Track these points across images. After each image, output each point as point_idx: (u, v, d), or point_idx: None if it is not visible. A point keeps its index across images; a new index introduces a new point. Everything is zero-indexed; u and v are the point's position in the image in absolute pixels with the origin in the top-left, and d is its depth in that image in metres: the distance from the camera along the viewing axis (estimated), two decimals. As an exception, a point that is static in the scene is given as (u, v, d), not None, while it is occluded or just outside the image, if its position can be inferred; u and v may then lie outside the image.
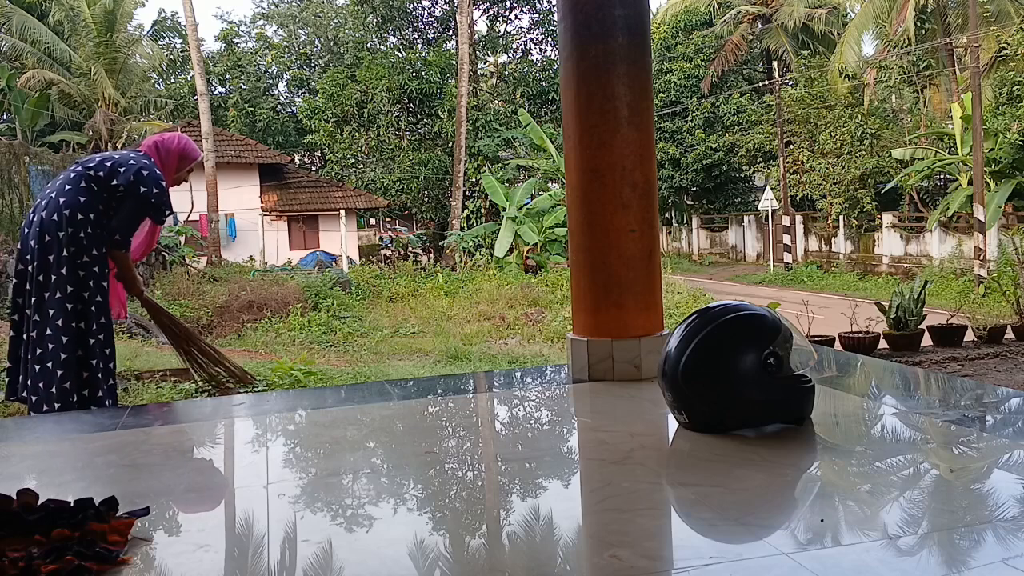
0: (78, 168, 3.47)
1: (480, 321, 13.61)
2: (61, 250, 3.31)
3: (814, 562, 1.51)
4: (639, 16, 3.21)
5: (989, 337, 7.75)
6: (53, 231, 3.31)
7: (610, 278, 3.19)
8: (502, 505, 1.98)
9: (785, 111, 23.85)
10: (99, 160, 3.49)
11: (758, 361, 2.29)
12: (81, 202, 3.36)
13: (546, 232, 19.83)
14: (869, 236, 22.46)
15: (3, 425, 3.16)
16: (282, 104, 36.31)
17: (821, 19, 26.10)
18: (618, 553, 1.59)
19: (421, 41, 30.49)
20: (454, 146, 23.59)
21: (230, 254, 22.19)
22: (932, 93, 24.12)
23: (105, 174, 3.42)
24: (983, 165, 16.82)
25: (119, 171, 3.43)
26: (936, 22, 22.17)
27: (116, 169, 3.44)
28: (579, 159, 3.23)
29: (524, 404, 3.18)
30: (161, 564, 1.64)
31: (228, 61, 36.03)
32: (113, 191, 3.43)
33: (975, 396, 2.83)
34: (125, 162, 3.47)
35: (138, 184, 3.44)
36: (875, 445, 2.38)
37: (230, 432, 2.89)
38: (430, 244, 27.27)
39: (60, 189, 3.39)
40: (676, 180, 29.67)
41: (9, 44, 24.57)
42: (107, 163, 3.46)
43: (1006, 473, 2.05)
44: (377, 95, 26.13)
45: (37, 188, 13.40)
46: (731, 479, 1.99)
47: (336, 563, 1.62)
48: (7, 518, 1.68)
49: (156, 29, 31.01)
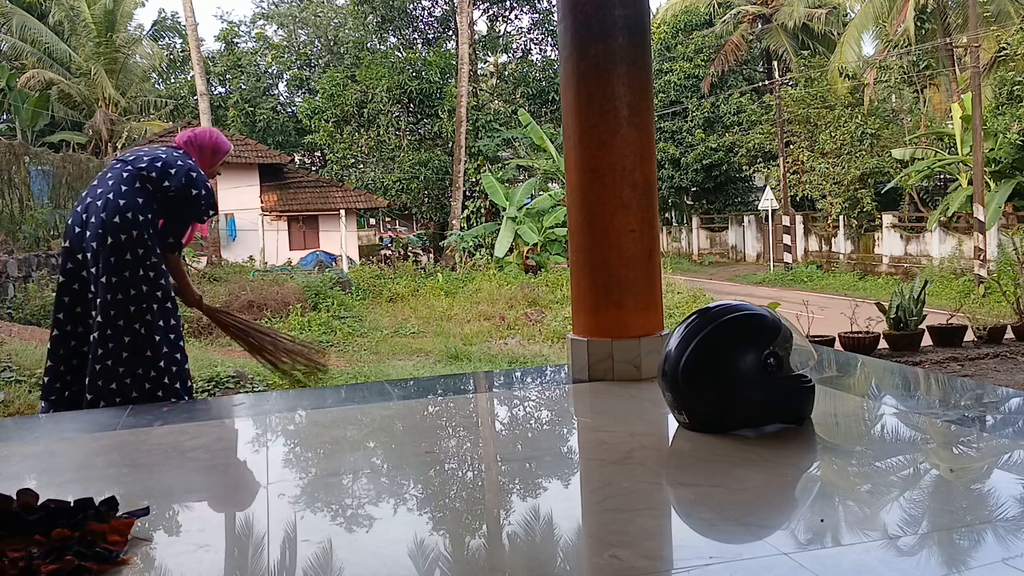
0: (129, 168, 3.41)
1: (480, 321, 13.61)
2: (124, 253, 3.27)
3: (814, 562, 1.51)
4: (639, 16, 3.21)
5: (989, 337, 7.75)
6: (116, 233, 3.27)
7: (610, 278, 3.19)
8: (502, 505, 1.98)
9: (785, 111, 23.85)
10: (148, 160, 3.43)
11: (758, 361, 2.29)
12: (140, 204, 3.33)
13: (546, 232, 19.83)
14: (869, 236, 22.46)
15: (3, 425, 3.16)
16: (282, 104, 36.32)
17: (821, 19, 26.11)
18: (618, 553, 1.59)
19: (421, 41, 30.50)
20: (454, 146, 23.59)
21: (230, 254, 22.19)
22: (932, 93, 24.13)
23: (157, 175, 3.39)
24: (983, 165, 16.83)
25: (170, 173, 3.40)
26: (936, 22, 22.17)
27: (167, 171, 3.40)
28: (579, 159, 3.23)
29: (524, 404, 3.18)
30: (161, 564, 1.64)
31: (228, 61, 36.02)
32: (164, 192, 3.40)
33: (975, 396, 2.83)
34: (174, 163, 3.44)
35: (190, 187, 3.42)
36: (875, 445, 2.38)
37: (230, 432, 2.89)
38: (430, 244, 27.27)
39: (116, 190, 3.33)
40: (676, 180, 29.67)
41: (9, 44, 24.59)
42: (157, 163, 3.41)
43: (1006, 473, 2.05)
44: (377, 95, 26.13)
45: (37, 188, 13.40)
46: (731, 479, 1.99)
47: (336, 563, 1.62)
48: (7, 518, 1.68)
49: (156, 29, 31.04)
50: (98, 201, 3.33)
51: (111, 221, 3.27)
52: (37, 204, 13.04)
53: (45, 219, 12.79)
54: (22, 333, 8.19)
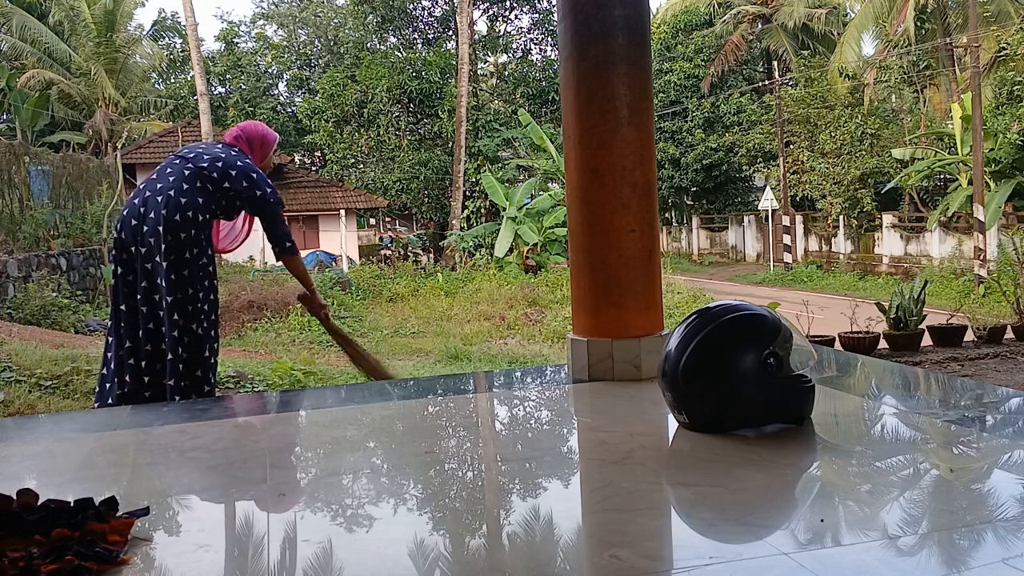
0: (189, 165, 3.39)
1: (480, 321, 13.62)
2: (183, 251, 3.29)
3: (814, 562, 1.51)
4: (639, 16, 3.21)
5: (989, 337, 7.75)
6: (176, 231, 3.27)
7: (610, 278, 3.19)
8: (502, 505, 1.98)
9: (785, 111, 23.85)
10: (209, 159, 3.41)
11: (758, 361, 2.29)
12: (200, 203, 3.32)
13: (546, 232, 19.83)
14: (869, 236, 22.46)
15: (3, 425, 3.16)
16: (282, 104, 36.33)
17: (821, 19, 26.11)
18: (618, 553, 1.59)
19: (421, 41, 30.50)
20: (454, 146, 23.59)
21: (230, 254, 22.17)
22: (932, 93, 24.13)
23: (219, 175, 3.38)
24: (983, 165, 16.83)
25: (231, 174, 3.39)
26: (936, 22, 22.18)
27: (228, 172, 3.40)
28: (579, 159, 3.23)
29: (524, 404, 3.18)
30: (161, 564, 1.64)
31: (228, 61, 36.03)
32: (225, 192, 3.40)
33: (975, 396, 2.83)
34: (233, 163, 3.43)
35: (254, 188, 3.44)
36: (875, 445, 2.38)
37: (230, 432, 2.89)
38: (430, 244, 27.27)
39: (177, 187, 3.31)
40: (676, 180, 29.68)
41: (9, 44, 24.59)
42: (218, 163, 3.40)
43: (1006, 473, 2.05)
44: (377, 95, 26.13)
45: (37, 188, 13.39)
46: (731, 479, 1.99)
47: (336, 563, 1.62)
48: (7, 518, 1.68)
49: (156, 29, 31.04)
50: (158, 196, 3.30)
51: (172, 219, 3.26)
52: (37, 204, 13.03)
53: (45, 219, 12.79)
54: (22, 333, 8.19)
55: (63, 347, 7.22)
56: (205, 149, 3.50)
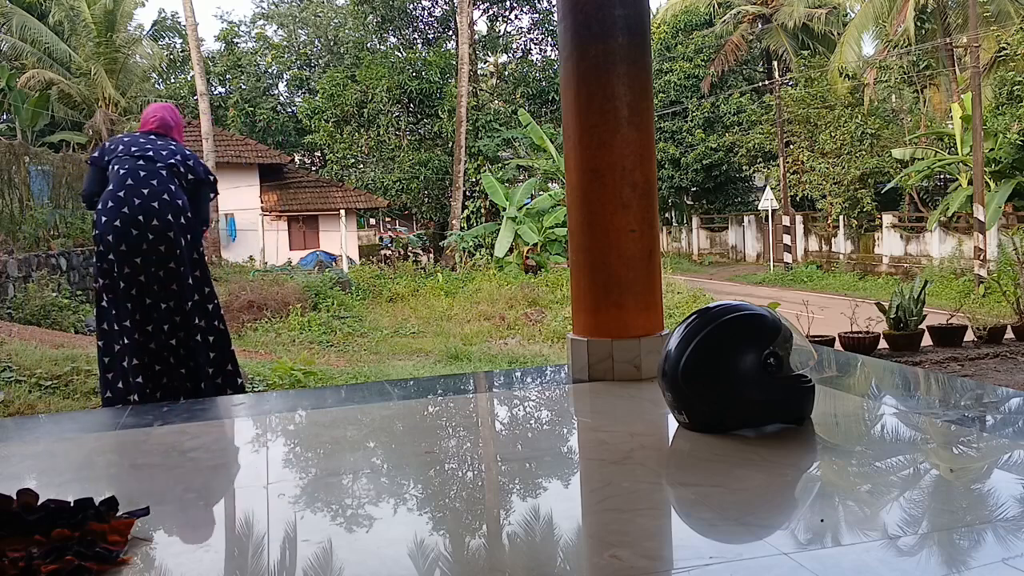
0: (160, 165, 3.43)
1: (480, 321, 13.61)
2: (192, 252, 3.42)
3: (814, 562, 1.51)
4: (639, 16, 3.21)
5: (989, 337, 7.74)
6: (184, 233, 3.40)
7: (610, 278, 3.19)
8: (502, 505, 1.98)
9: (785, 111, 23.84)
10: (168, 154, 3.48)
11: (758, 361, 2.29)
12: (186, 200, 3.47)
13: (546, 232, 19.82)
14: (869, 236, 22.45)
15: (3, 425, 3.16)
16: (282, 104, 36.30)
17: (821, 19, 26.09)
18: (618, 553, 1.59)
19: (421, 41, 30.48)
20: (454, 146, 23.58)
21: (230, 254, 22.19)
22: (932, 93, 24.12)
23: (184, 169, 3.51)
24: (983, 165, 16.82)
25: (190, 164, 3.55)
26: (936, 22, 22.17)
27: (187, 163, 3.54)
28: (579, 159, 3.23)
29: (524, 404, 3.18)
30: (161, 564, 1.64)
31: (228, 61, 36.00)
32: (191, 183, 3.55)
33: (975, 396, 2.83)
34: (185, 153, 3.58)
35: (208, 173, 3.62)
36: (875, 445, 2.38)
37: (230, 432, 2.89)
38: (430, 244, 27.26)
39: (168, 191, 3.39)
40: (676, 180, 29.66)
41: (9, 44, 24.56)
42: (178, 157, 3.51)
43: (1006, 473, 2.05)
44: (377, 95, 26.12)
45: (37, 188, 13.38)
46: (731, 479, 1.99)
47: (336, 563, 1.62)
48: (7, 518, 1.68)
49: (156, 29, 30.99)
50: (153, 203, 3.33)
51: (179, 222, 3.37)
52: (37, 204, 13.02)
53: (45, 219, 12.78)
54: (22, 333, 8.19)
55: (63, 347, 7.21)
56: (152, 144, 3.51)
